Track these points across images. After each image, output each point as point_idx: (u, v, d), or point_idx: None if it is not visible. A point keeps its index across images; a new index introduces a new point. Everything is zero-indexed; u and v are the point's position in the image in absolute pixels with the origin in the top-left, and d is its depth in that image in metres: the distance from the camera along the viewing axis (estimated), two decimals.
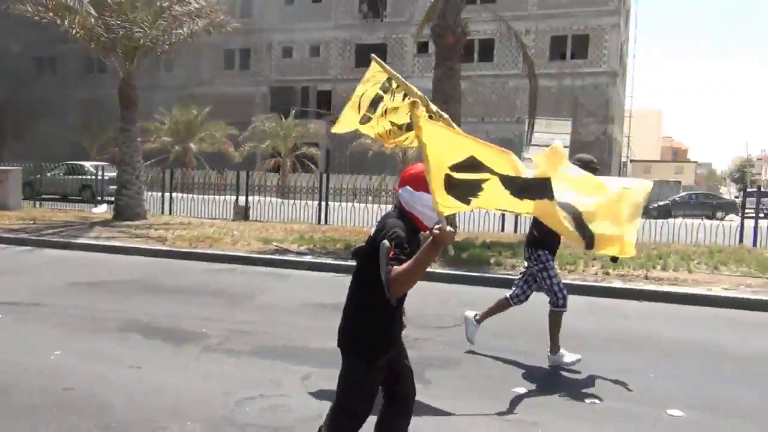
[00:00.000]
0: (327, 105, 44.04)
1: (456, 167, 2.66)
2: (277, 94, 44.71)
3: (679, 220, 15.10)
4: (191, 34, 16.65)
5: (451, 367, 5.57)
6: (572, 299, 8.09)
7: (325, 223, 16.78)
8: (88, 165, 25.73)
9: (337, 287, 8.49)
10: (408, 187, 2.91)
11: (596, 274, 9.58)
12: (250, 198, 18.49)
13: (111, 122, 17.61)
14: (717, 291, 8.68)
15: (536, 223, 5.67)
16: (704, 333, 7.07)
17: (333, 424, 2.99)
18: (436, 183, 2.67)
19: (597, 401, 4.84)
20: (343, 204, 17.32)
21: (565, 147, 21.14)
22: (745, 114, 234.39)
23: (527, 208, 2.77)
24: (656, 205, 27.48)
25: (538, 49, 39.16)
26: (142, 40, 15.85)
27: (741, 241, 13.73)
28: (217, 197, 18.88)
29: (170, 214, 18.56)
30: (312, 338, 6.33)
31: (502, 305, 6.01)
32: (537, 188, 2.72)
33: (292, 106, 39.44)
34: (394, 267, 2.58)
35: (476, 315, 6.04)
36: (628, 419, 4.54)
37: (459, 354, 5.93)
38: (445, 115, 4.79)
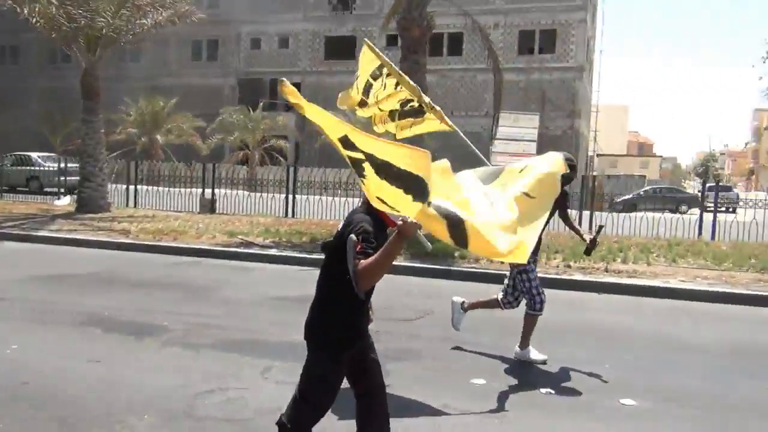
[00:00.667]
0: None
1: (340, 141, 2.65)
2: (245, 86, 44.32)
3: (641, 213, 15.39)
4: (155, 24, 16.43)
5: (411, 359, 5.62)
6: None
7: (292, 216, 16.73)
8: (35, 156, 25.58)
9: (300, 280, 8.52)
10: None
11: (558, 267, 9.73)
12: (218, 191, 18.35)
13: (75, 113, 17.41)
14: (674, 283, 8.89)
15: None
16: (660, 324, 7.25)
17: (294, 414, 3.00)
18: (344, 155, 2.65)
19: (552, 392, 4.94)
20: (311, 197, 17.29)
21: (532, 141, 21.47)
22: (709, 109, 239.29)
23: (408, 209, 2.57)
24: (622, 199, 27.89)
25: (507, 44, 39.43)
26: (104, 30, 15.59)
27: (700, 234, 14.05)
28: (183, 190, 18.70)
29: (135, 206, 18.33)
30: (273, 331, 6.35)
31: (491, 304, 5.98)
32: (404, 179, 2.55)
33: (261, 99, 39.13)
34: (361, 261, 2.61)
35: (464, 303, 6.02)
36: (581, 408, 4.65)
37: (420, 346, 5.99)
38: (438, 108, 4.86)
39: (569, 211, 5.99)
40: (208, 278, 9.05)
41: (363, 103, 4.73)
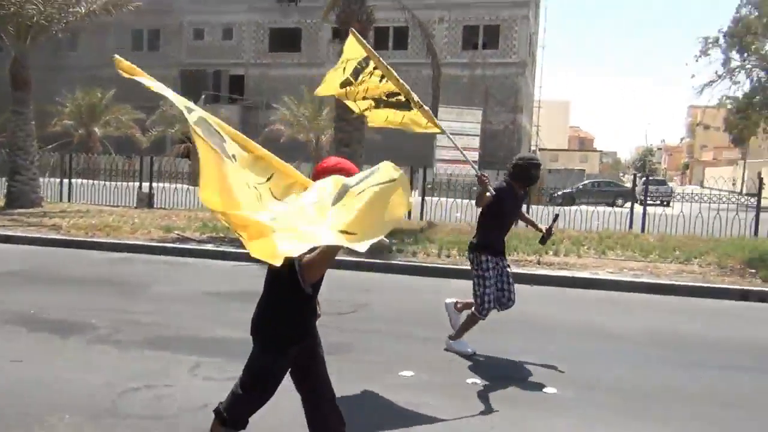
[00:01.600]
0: (240, 90, 43.21)
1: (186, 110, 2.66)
2: (188, 77, 43.40)
3: (575, 207, 15.81)
4: (89, 12, 15.95)
5: (342, 353, 5.65)
6: (469, 284, 8.41)
7: None
8: None
9: (235, 276, 8.47)
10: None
11: None
12: (158, 185, 17.99)
13: (8, 103, 16.77)
14: (602, 274, 9.21)
15: (478, 226, 5.79)
16: (587, 314, 7.49)
17: (232, 403, 3.00)
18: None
19: (478, 382, 5.07)
20: None
21: (475, 136, 21.80)
22: (648, 105, 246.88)
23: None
24: (561, 192, 28.56)
25: (451, 39, 39.80)
26: (35, 18, 15.06)
27: (631, 227, 14.51)
28: (120, 184, 18.25)
29: (69, 201, 17.81)
30: (204, 328, 6.30)
31: None
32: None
33: (204, 91, 38.45)
34: (306, 255, 2.61)
35: (457, 303, 6.00)
36: (505, 397, 4.78)
37: (352, 339, 6.04)
38: (426, 107, 4.93)
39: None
40: (141, 275, 8.90)
41: (348, 82, 4.79)
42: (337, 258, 2.72)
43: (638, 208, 15.49)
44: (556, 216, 6.17)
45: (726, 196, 16.23)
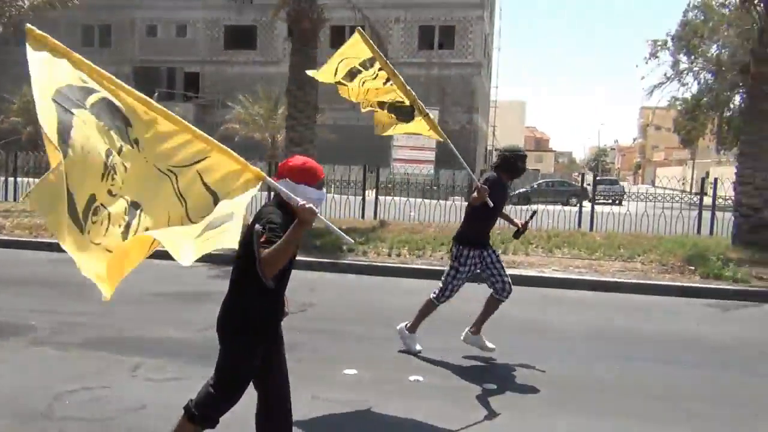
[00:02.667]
0: (194, 88, 42.58)
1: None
2: (141, 74, 42.47)
3: (526, 206, 16.06)
4: (33, 6, 15.54)
5: (288, 352, 5.65)
6: (418, 282, 8.49)
7: None
8: None
9: (180, 277, 8.36)
10: (287, 179, 2.97)
11: (442, 258, 10.04)
12: None
13: None
14: (548, 272, 9.39)
15: (465, 218, 5.85)
16: (531, 312, 7.62)
17: (203, 401, 3.03)
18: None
19: (421, 379, 5.14)
20: None
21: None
22: (602, 106, 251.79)
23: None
24: (516, 192, 28.96)
25: (407, 39, 39.95)
26: None
27: (579, 225, 14.80)
28: None
29: (15, 200, 17.31)
30: (147, 328, 6.24)
31: (491, 306, 5.97)
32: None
33: (157, 88, 37.77)
34: (265, 249, 2.69)
35: (472, 329, 5.93)
36: (447, 394, 4.87)
37: (297, 338, 6.00)
38: (431, 115, 4.94)
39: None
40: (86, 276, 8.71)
41: (341, 84, 4.79)
42: None
43: (588, 207, 15.80)
44: (534, 212, 6.33)
45: (672, 196, 16.72)
